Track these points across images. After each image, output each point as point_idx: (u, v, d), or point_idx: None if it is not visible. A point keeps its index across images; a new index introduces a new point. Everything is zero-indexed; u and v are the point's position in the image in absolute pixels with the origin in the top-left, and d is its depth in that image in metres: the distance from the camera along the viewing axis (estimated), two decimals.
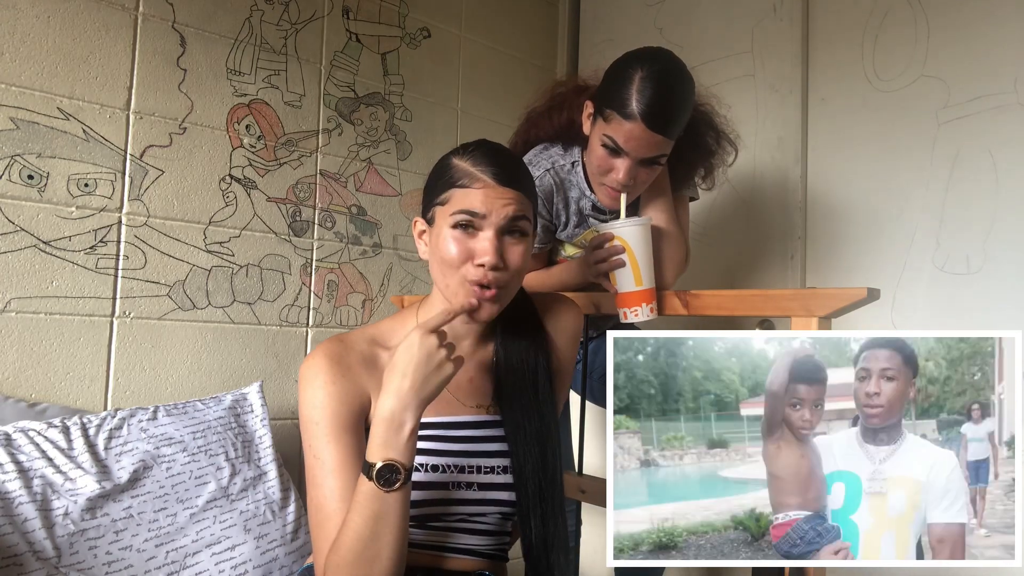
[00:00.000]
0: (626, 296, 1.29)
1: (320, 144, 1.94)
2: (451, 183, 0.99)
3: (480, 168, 0.98)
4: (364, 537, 0.88)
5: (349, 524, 0.89)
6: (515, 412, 1.04)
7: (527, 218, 1.00)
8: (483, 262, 0.96)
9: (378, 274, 2.05)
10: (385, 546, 0.88)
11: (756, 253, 2.03)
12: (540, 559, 1.00)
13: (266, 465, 1.53)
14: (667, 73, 1.26)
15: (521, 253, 0.99)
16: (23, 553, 1.18)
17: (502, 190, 0.97)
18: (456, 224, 0.97)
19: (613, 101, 1.26)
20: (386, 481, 0.87)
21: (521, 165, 1.05)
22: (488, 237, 0.96)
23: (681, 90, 1.27)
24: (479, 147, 1.02)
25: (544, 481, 1.01)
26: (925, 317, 1.72)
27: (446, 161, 1.02)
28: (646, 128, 1.24)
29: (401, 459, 0.88)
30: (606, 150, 1.29)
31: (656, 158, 1.29)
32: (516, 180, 0.99)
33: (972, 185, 1.67)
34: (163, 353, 1.66)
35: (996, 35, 1.65)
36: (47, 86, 1.53)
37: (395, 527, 0.88)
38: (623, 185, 1.30)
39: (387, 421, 0.89)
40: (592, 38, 2.52)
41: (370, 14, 2.06)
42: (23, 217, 1.49)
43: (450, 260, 0.97)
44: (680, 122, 1.28)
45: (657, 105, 1.23)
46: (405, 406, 0.89)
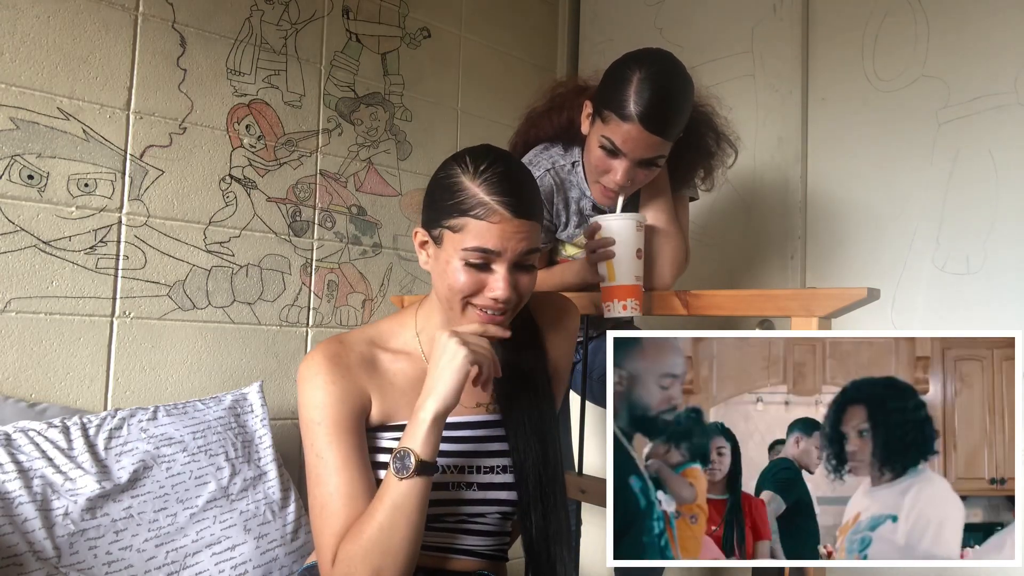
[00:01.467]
0: (603, 290, 1.29)
1: (320, 144, 1.94)
2: (464, 210, 0.95)
3: (496, 198, 0.94)
4: (382, 525, 0.90)
5: (370, 511, 0.91)
6: (515, 410, 1.05)
7: (538, 249, 1.00)
8: (496, 296, 0.96)
9: (378, 274, 2.05)
10: (399, 540, 0.90)
11: (756, 253, 2.03)
12: (541, 553, 1.00)
13: (266, 465, 1.53)
14: (665, 75, 1.25)
15: (530, 279, 1.00)
16: (23, 553, 1.18)
17: (518, 223, 0.94)
18: (469, 260, 0.95)
19: (611, 102, 1.26)
20: (399, 468, 0.90)
21: (532, 185, 1.01)
22: (502, 274, 0.95)
23: (679, 92, 1.27)
24: (491, 167, 0.96)
25: (545, 476, 1.02)
26: (925, 317, 1.72)
27: (456, 179, 0.97)
28: (643, 130, 1.24)
29: (416, 448, 0.90)
30: (604, 151, 1.29)
31: (654, 159, 1.29)
32: (531, 209, 0.97)
33: (972, 185, 1.67)
34: (163, 353, 1.66)
35: (996, 35, 1.65)
36: (47, 86, 1.53)
37: (410, 521, 0.90)
38: (620, 186, 1.30)
39: (412, 417, 0.93)
40: (592, 38, 2.52)
41: (370, 14, 2.06)
42: (23, 217, 1.49)
43: (459, 289, 0.97)
44: (678, 124, 1.28)
45: (655, 107, 1.23)
46: (424, 400, 0.93)
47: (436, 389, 0.92)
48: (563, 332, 1.16)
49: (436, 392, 0.92)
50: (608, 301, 1.28)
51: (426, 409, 0.92)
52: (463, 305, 0.98)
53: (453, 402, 0.92)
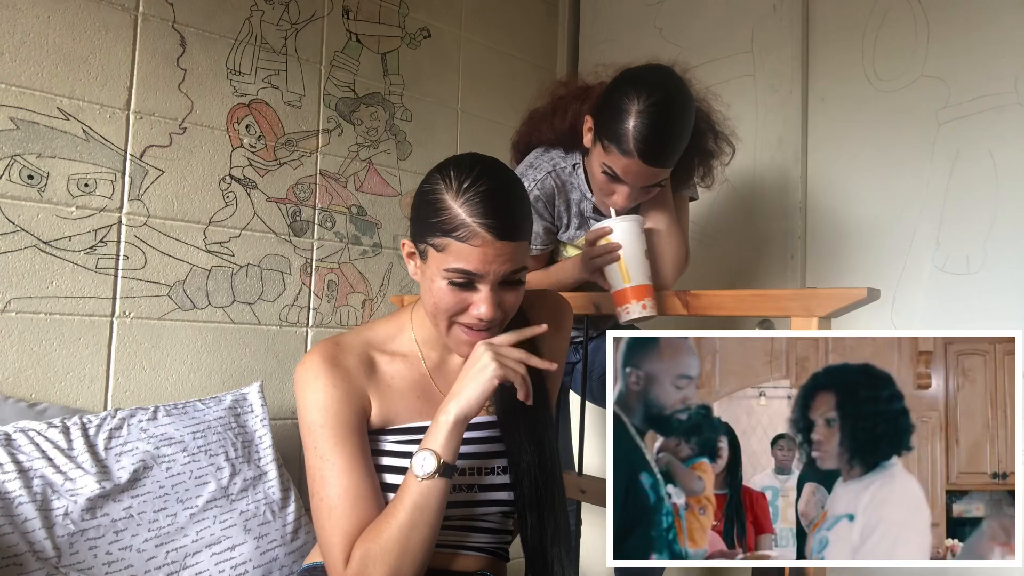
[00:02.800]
0: (616, 294, 1.29)
1: (320, 144, 1.94)
2: (447, 230, 0.93)
3: (478, 220, 0.91)
4: (402, 524, 0.91)
5: (389, 510, 0.93)
6: (509, 413, 1.04)
7: (525, 267, 0.98)
8: (480, 316, 0.95)
9: (378, 274, 2.05)
10: (416, 539, 0.91)
11: (756, 253, 2.03)
12: (538, 554, 1.00)
13: (266, 465, 1.53)
14: (665, 104, 1.24)
15: (517, 295, 0.99)
16: (23, 553, 1.18)
17: (501, 246, 0.92)
18: (451, 281, 0.94)
19: (610, 135, 1.26)
20: (420, 467, 0.91)
21: (518, 203, 0.97)
22: (485, 294, 0.94)
23: (679, 121, 1.26)
24: (475, 185, 0.92)
25: (541, 479, 1.02)
26: (925, 317, 1.72)
27: (439, 196, 0.94)
28: (644, 164, 1.25)
29: (438, 449, 0.92)
30: (606, 176, 1.30)
31: (657, 184, 1.31)
32: (515, 231, 0.94)
33: (972, 185, 1.67)
34: (163, 353, 1.66)
35: (996, 35, 1.65)
36: (47, 86, 1.53)
37: (429, 521, 0.92)
38: (623, 208, 1.32)
39: (434, 421, 0.95)
40: (592, 38, 2.52)
41: (370, 14, 2.06)
42: (23, 217, 1.49)
43: (444, 308, 0.96)
44: (679, 150, 1.28)
45: (654, 142, 1.23)
46: (446, 405, 0.94)
47: (461, 395, 0.94)
48: (557, 330, 1.15)
49: (460, 397, 0.93)
50: (625, 303, 1.27)
51: (448, 412, 0.93)
52: (448, 324, 0.98)
53: (475, 410, 0.94)
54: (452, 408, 0.93)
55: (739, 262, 2.06)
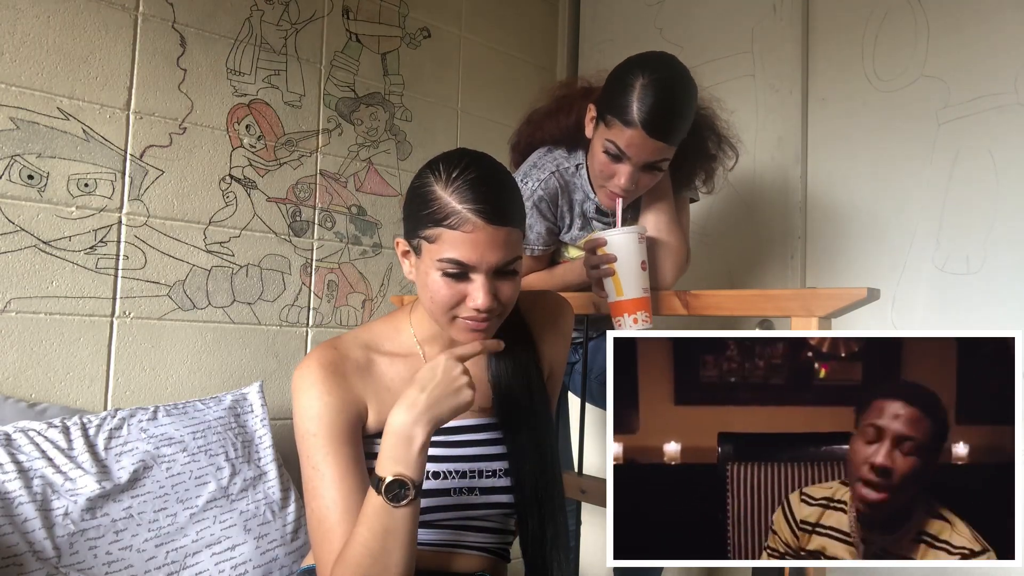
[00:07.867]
0: (611, 305, 1.28)
1: (320, 144, 1.94)
2: (438, 220, 0.92)
3: (468, 206, 0.90)
4: (374, 551, 0.87)
5: (357, 538, 0.88)
6: (511, 417, 1.04)
7: (519, 256, 0.96)
8: (477, 307, 0.93)
9: (378, 274, 2.05)
10: (394, 563, 0.87)
11: (756, 253, 2.03)
12: (536, 558, 1.00)
13: (266, 465, 1.53)
14: (669, 80, 1.26)
15: (513, 286, 0.97)
16: (23, 553, 1.18)
17: (493, 231, 0.91)
18: (445, 272, 0.93)
19: (615, 107, 1.27)
20: (395, 496, 0.87)
21: (508, 189, 0.96)
22: (480, 284, 0.93)
23: (683, 97, 1.27)
24: (463, 175, 0.92)
25: (541, 483, 1.01)
26: (925, 317, 1.72)
27: (429, 188, 0.94)
28: (647, 135, 1.24)
29: (411, 474, 0.87)
30: (608, 155, 1.30)
31: (658, 163, 1.30)
32: (506, 214, 0.92)
33: (972, 185, 1.67)
34: (163, 353, 1.66)
35: (996, 35, 1.65)
36: (47, 86, 1.53)
37: (404, 543, 0.88)
38: (624, 190, 1.30)
39: (396, 434, 0.88)
40: (592, 38, 2.52)
41: (370, 14, 2.06)
42: (23, 217, 1.49)
43: (441, 301, 0.95)
44: (682, 129, 1.28)
45: (658, 112, 1.23)
46: (416, 420, 0.88)
47: (432, 412, 0.89)
48: (557, 331, 1.14)
49: (432, 415, 0.88)
50: (618, 316, 1.27)
51: (418, 433, 0.88)
52: (450, 319, 0.96)
53: (441, 420, 0.90)
54: (423, 429, 0.88)
55: (739, 262, 2.06)
